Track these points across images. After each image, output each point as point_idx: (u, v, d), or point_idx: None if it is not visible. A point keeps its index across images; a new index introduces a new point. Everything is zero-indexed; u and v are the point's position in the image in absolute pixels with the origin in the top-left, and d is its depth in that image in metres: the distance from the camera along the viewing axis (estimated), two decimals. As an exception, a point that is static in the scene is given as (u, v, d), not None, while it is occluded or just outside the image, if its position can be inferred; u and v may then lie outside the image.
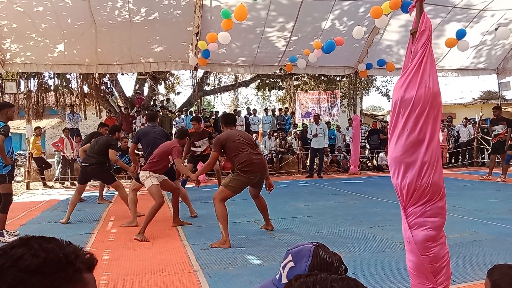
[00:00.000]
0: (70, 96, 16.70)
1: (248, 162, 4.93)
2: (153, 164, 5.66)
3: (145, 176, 5.62)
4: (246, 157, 4.95)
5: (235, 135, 5.11)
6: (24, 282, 0.74)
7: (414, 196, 2.65)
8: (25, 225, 6.42)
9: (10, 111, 5.39)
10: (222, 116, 6.79)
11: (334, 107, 19.98)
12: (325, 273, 0.89)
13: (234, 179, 4.99)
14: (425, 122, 2.63)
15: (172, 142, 5.89)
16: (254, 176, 5.01)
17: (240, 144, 5.01)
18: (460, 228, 5.47)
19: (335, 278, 0.86)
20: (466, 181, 10.80)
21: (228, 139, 5.05)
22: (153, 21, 10.10)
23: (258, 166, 5.01)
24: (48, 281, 0.76)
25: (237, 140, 5.04)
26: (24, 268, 0.75)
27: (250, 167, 4.94)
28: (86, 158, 6.67)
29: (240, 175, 4.96)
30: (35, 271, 0.75)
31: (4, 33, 9.64)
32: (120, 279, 3.82)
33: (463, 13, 11.28)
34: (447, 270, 2.70)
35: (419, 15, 2.79)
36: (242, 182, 4.98)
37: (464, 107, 24.11)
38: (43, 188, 11.43)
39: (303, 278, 0.89)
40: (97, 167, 6.63)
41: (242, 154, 4.97)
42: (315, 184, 10.90)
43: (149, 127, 7.18)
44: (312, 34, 11.40)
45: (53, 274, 0.77)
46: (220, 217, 4.90)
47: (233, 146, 5.01)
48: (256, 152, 5.10)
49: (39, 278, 0.75)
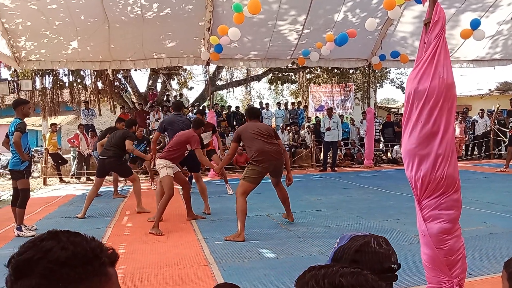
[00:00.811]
0: (85, 93, 16.87)
1: (260, 151, 5.07)
2: (170, 152, 5.69)
3: (162, 165, 5.64)
4: (258, 146, 5.09)
5: (252, 127, 5.26)
6: (54, 274, 0.77)
7: (429, 189, 2.62)
8: (42, 219, 6.54)
9: (26, 108, 5.47)
10: (247, 109, 6.91)
11: (347, 100, 19.86)
12: (338, 266, 0.88)
13: (249, 169, 5.15)
14: (439, 114, 2.59)
15: (189, 131, 5.90)
16: (268, 164, 5.12)
17: (255, 135, 5.15)
18: (477, 221, 5.41)
19: (345, 272, 0.85)
20: (482, 174, 10.66)
21: (244, 131, 5.26)
22: (165, 16, 10.12)
23: (270, 154, 5.12)
24: (76, 273, 0.78)
25: (252, 132, 5.18)
26: (54, 260, 0.78)
27: (261, 156, 5.06)
28: (104, 152, 6.74)
29: (254, 165, 5.11)
30: (64, 263, 0.78)
31: (19, 31, 9.77)
32: (136, 272, 3.88)
33: (478, 2, 11.07)
34: (463, 263, 2.67)
35: (432, 5, 2.75)
36: (258, 171, 5.10)
37: (480, 99, 23.69)
38: (60, 184, 11.61)
39: (315, 270, 0.89)
40: (114, 160, 6.70)
41: (255, 144, 5.12)
42: (329, 178, 10.87)
43: (174, 116, 7.09)
44: (325, 26, 11.31)
45: (81, 266, 0.79)
46: (239, 211, 4.99)
47: (248, 137, 5.18)
48: (270, 142, 5.19)
49: (68, 270, 0.78)
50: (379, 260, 1.29)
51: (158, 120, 14.32)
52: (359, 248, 1.31)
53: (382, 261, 1.30)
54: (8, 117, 21.01)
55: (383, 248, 1.34)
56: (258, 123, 5.55)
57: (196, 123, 6.05)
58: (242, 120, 16.09)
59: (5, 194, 9.09)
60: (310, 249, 4.48)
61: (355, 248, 1.31)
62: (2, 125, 21.10)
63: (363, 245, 1.32)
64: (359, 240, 1.34)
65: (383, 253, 1.32)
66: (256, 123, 5.44)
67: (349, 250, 1.32)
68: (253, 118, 5.52)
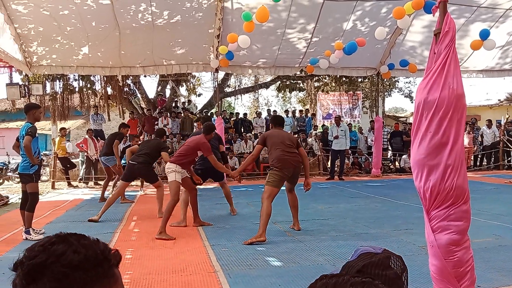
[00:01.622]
0: (94, 98, 16.99)
1: (278, 158, 5.36)
2: (180, 157, 5.78)
3: (171, 169, 5.71)
4: (277, 154, 5.39)
5: (275, 134, 5.59)
6: (67, 277, 0.78)
7: (438, 199, 2.61)
8: (50, 223, 6.58)
9: (37, 112, 5.53)
10: (271, 117, 7.35)
11: (355, 108, 19.82)
12: (349, 275, 0.88)
13: (271, 174, 5.44)
14: (449, 124, 2.59)
15: (200, 137, 5.92)
16: (287, 171, 5.40)
17: (276, 143, 5.45)
18: (485, 233, 5.35)
19: (356, 282, 0.85)
20: (491, 185, 10.56)
21: (269, 136, 5.61)
22: (175, 23, 10.20)
23: (289, 162, 5.39)
24: (88, 276, 0.79)
25: (275, 139, 5.50)
26: (67, 263, 0.79)
27: (280, 162, 5.35)
28: (134, 157, 6.91)
29: (274, 170, 5.40)
30: (77, 266, 0.79)
31: (31, 36, 9.89)
32: (142, 278, 3.88)
33: (488, 12, 11.03)
34: (472, 275, 2.65)
35: (442, 16, 2.75)
36: (279, 176, 5.37)
37: (490, 109, 23.55)
38: (68, 188, 11.69)
39: (326, 279, 0.88)
40: (144, 166, 6.83)
41: (275, 151, 5.42)
42: (336, 186, 10.83)
43: None
44: (333, 35, 11.32)
45: (93, 269, 0.80)
46: (264, 213, 5.18)
47: (270, 143, 5.52)
48: (289, 151, 5.46)
49: (81, 273, 0.79)
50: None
51: (166, 126, 14.40)
52: (361, 269, 1.27)
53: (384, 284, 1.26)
54: (19, 121, 21.25)
55: (391, 270, 1.29)
56: (282, 131, 5.82)
57: (207, 128, 6.07)
58: (250, 127, 16.13)
59: (14, 197, 9.17)
60: (317, 258, 4.46)
61: (358, 268, 1.29)
62: (13, 129, 21.34)
63: (367, 265, 1.28)
64: (365, 259, 1.30)
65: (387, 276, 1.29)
66: (280, 131, 5.73)
67: (352, 268, 1.28)
68: (277, 126, 5.81)
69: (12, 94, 10.54)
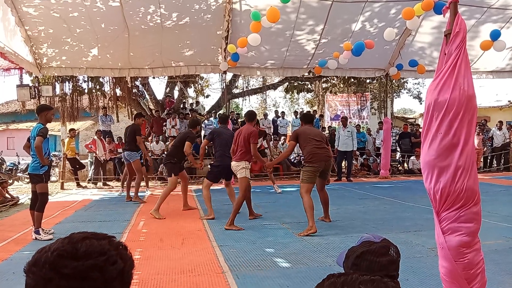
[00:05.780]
0: (103, 99, 17.09)
1: (312, 153, 5.79)
2: (244, 153, 6.24)
3: (241, 166, 6.21)
4: (310, 149, 5.82)
5: (307, 131, 6.02)
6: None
7: (448, 201, 2.59)
8: (59, 223, 6.63)
9: (49, 114, 5.59)
10: (302, 115, 7.77)
11: (364, 109, 19.75)
12: (357, 274, 0.88)
13: (305, 171, 5.83)
14: (460, 125, 2.56)
15: (247, 127, 6.40)
16: (319, 164, 5.78)
17: (308, 139, 5.88)
18: (496, 235, 5.30)
19: (364, 280, 0.85)
20: (501, 187, 10.46)
21: (302, 133, 6.02)
22: (184, 25, 10.23)
23: (321, 156, 5.80)
24: None
25: (307, 135, 5.92)
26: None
27: (313, 157, 5.77)
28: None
29: (307, 166, 5.81)
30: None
31: (41, 38, 9.97)
32: (151, 278, 3.90)
33: (499, 13, 10.93)
34: (482, 277, 2.62)
35: (453, 16, 2.73)
36: (312, 171, 5.77)
37: (499, 110, 23.35)
38: (77, 188, 11.76)
39: (334, 278, 0.88)
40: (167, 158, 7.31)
41: (308, 147, 5.84)
42: (345, 188, 10.79)
43: (222, 128, 7.33)
44: (342, 36, 11.29)
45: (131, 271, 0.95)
46: (307, 207, 5.56)
47: (303, 139, 5.94)
48: (320, 146, 5.87)
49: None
50: (373, 269, 1.39)
51: (175, 127, 14.45)
52: (360, 255, 1.45)
53: (375, 270, 1.39)
54: (29, 122, 21.45)
55: (384, 258, 1.44)
56: (312, 128, 6.30)
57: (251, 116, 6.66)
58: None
59: (24, 197, 9.25)
60: (325, 260, 4.45)
61: (357, 254, 1.46)
62: (23, 130, 21.54)
63: (364, 252, 1.45)
64: (365, 246, 1.48)
65: (380, 262, 1.43)
66: (311, 128, 6.19)
67: (353, 253, 1.48)
68: (308, 123, 6.26)
69: (23, 95, 10.62)
